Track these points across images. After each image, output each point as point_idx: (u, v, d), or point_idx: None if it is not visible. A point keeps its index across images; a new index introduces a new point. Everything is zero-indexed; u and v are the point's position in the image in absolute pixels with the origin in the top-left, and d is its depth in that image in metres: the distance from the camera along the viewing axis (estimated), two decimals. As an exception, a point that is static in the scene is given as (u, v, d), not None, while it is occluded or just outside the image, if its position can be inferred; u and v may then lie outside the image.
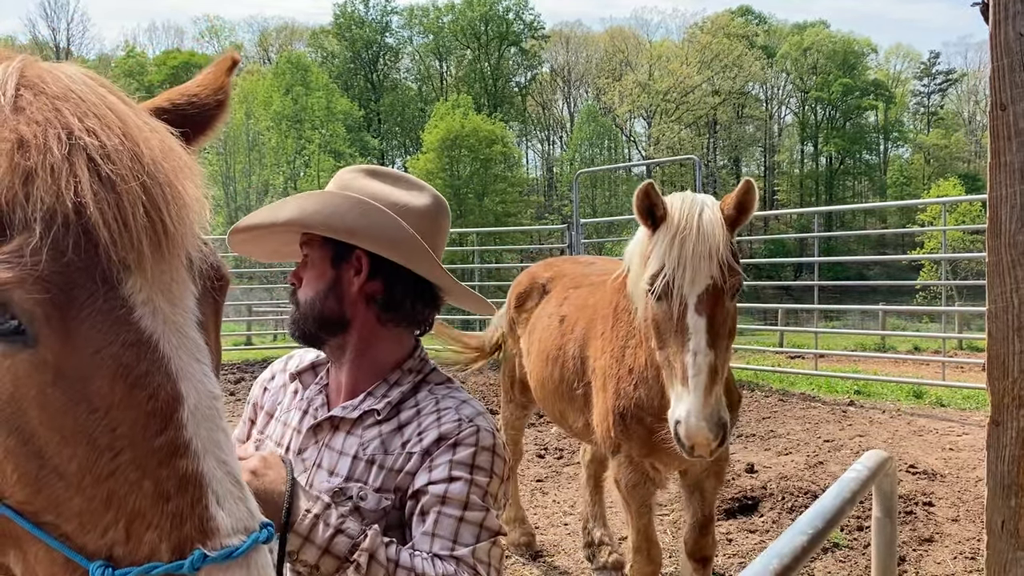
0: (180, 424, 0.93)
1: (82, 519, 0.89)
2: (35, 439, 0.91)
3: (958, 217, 30.39)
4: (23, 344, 0.90)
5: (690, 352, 2.87)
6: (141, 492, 0.89)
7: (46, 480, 0.90)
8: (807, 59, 69.54)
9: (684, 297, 2.92)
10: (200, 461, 0.93)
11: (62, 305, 0.90)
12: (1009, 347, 1.87)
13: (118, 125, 0.99)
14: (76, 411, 0.90)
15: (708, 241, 2.94)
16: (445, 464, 1.75)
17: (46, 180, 0.90)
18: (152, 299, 0.96)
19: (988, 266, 1.88)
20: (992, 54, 1.86)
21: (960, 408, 9.34)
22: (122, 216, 0.93)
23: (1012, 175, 1.84)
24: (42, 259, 0.88)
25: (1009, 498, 1.89)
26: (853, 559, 5.06)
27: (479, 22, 69.59)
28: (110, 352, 0.91)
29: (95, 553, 0.89)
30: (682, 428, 2.84)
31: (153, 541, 0.89)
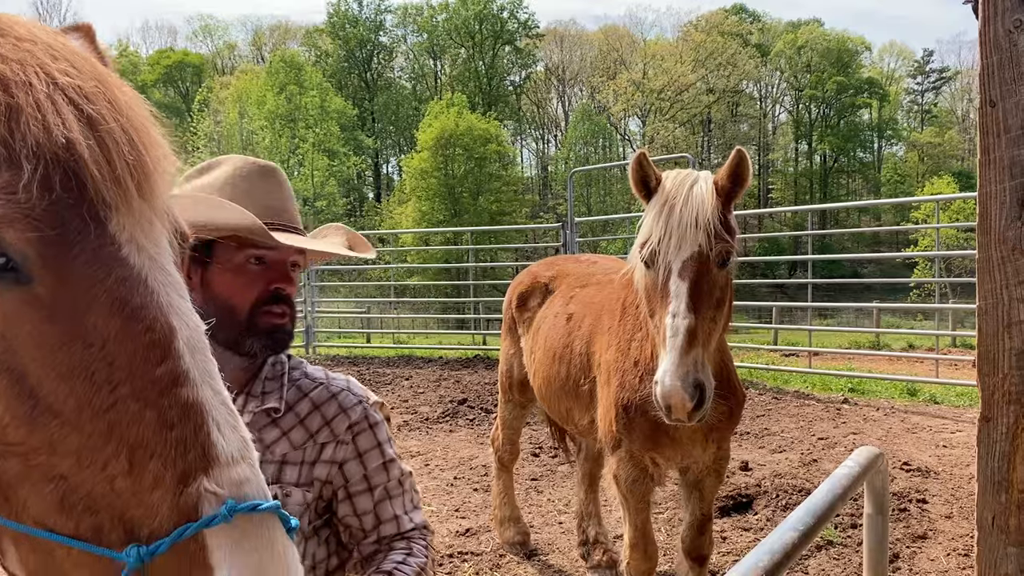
0: (178, 354, 0.93)
1: (80, 455, 0.89)
2: (28, 378, 0.90)
3: (952, 215, 30.47)
4: (14, 281, 0.90)
5: (670, 315, 2.89)
6: (143, 422, 0.89)
7: (40, 419, 0.89)
8: (801, 57, 69.59)
9: (669, 263, 2.96)
10: (199, 389, 0.94)
11: (54, 241, 0.90)
12: (999, 343, 1.88)
13: (89, 70, 0.99)
14: (72, 347, 0.90)
15: (695, 209, 2.97)
16: (374, 451, 1.90)
17: (33, 116, 0.90)
18: (135, 237, 0.96)
19: (978, 262, 1.89)
20: (982, 51, 1.86)
21: (954, 405, 9.36)
22: (107, 155, 0.93)
23: (1001, 171, 1.84)
24: (33, 196, 0.88)
25: (999, 494, 1.89)
26: (847, 556, 5.07)
27: (473, 21, 69.50)
28: (104, 287, 0.92)
29: (93, 490, 0.89)
30: (658, 388, 2.87)
31: (157, 470, 0.88)
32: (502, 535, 5.38)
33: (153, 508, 0.88)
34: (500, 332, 5.46)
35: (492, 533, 5.55)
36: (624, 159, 65.72)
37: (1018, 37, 1.81)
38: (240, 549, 0.88)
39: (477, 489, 6.63)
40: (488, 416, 9.13)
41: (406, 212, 53.26)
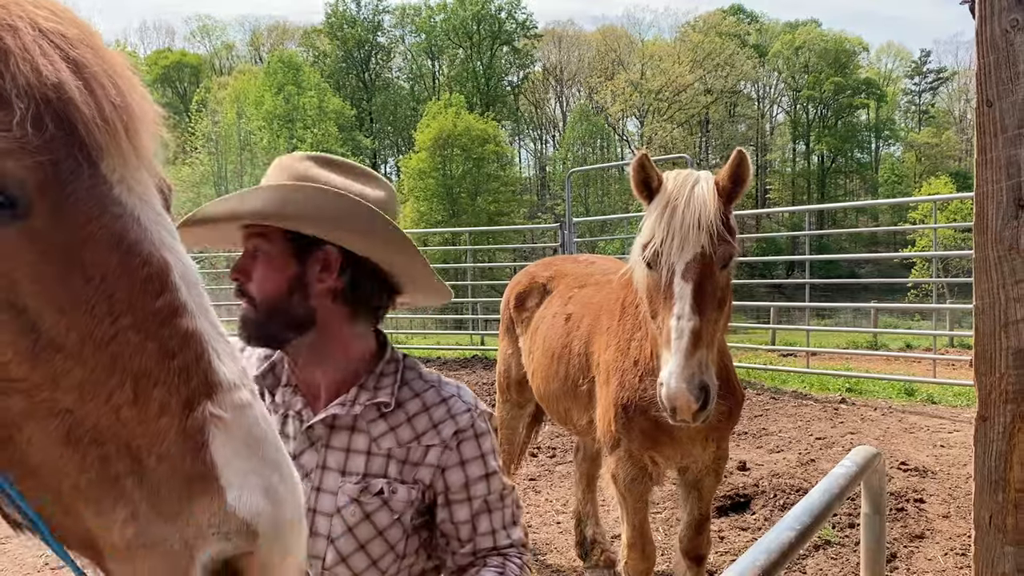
0: (175, 287, 0.96)
1: (83, 389, 0.90)
2: (29, 312, 0.91)
3: (949, 215, 30.49)
4: (12, 216, 0.91)
5: (674, 316, 2.89)
6: (146, 352, 0.91)
7: (43, 354, 0.91)
8: (799, 58, 69.64)
9: (672, 265, 2.96)
10: (197, 320, 0.96)
11: (50, 175, 0.92)
12: (996, 343, 1.88)
13: (69, 17, 1.01)
14: (71, 281, 0.91)
15: (698, 210, 2.97)
16: (477, 461, 1.88)
17: (23, 58, 0.92)
18: (125, 178, 0.98)
19: (975, 262, 1.89)
20: (978, 51, 1.86)
21: (951, 405, 9.37)
22: (95, 97, 0.95)
23: (998, 171, 1.85)
24: (27, 132, 0.90)
25: (996, 493, 1.90)
26: (844, 556, 5.07)
27: (471, 21, 69.50)
28: (100, 223, 0.93)
29: (99, 422, 0.90)
30: (663, 390, 2.86)
31: (163, 398, 0.91)
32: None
33: (160, 434, 0.90)
34: (498, 332, 5.45)
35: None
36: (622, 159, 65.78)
37: (1015, 36, 1.81)
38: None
39: (475, 489, 6.63)
40: (486, 416, 9.12)
41: (404, 212, 53.22)
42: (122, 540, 0.90)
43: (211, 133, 47.57)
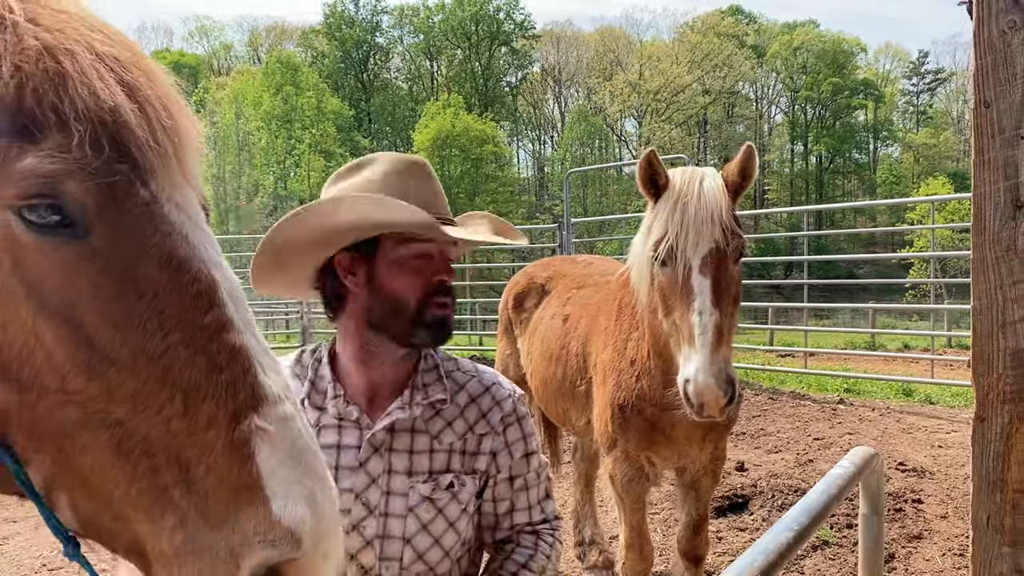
0: (222, 303, 1.00)
1: (135, 401, 0.94)
2: (85, 327, 0.95)
3: (947, 215, 30.51)
4: (73, 236, 0.95)
5: (696, 312, 2.86)
6: (195, 366, 0.95)
7: (98, 366, 0.94)
8: (797, 58, 69.71)
9: (688, 260, 2.93)
10: (243, 336, 1.00)
11: (107, 197, 0.96)
12: (994, 343, 1.88)
13: (120, 40, 1.06)
14: (125, 298, 0.95)
15: (709, 205, 2.96)
16: (520, 442, 1.99)
17: (81, 82, 0.96)
18: (173, 197, 1.02)
19: (973, 263, 1.89)
20: (976, 52, 1.87)
21: (949, 406, 9.38)
22: (148, 120, 1.00)
23: (996, 172, 1.85)
24: (87, 154, 0.94)
25: (994, 494, 1.90)
26: (843, 556, 5.08)
27: (470, 22, 69.54)
28: (152, 241, 0.98)
29: (149, 433, 0.94)
30: (691, 386, 2.82)
31: (211, 410, 0.94)
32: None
33: (208, 446, 0.93)
34: (496, 333, 5.45)
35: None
36: (620, 160, 65.86)
37: (1012, 38, 1.81)
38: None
39: (473, 490, 6.63)
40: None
41: (402, 213, 53.15)
42: (170, 547, 0.94)
43: (209, 133, 47.48)
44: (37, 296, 0.95)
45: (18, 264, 0.95)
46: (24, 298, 0.95)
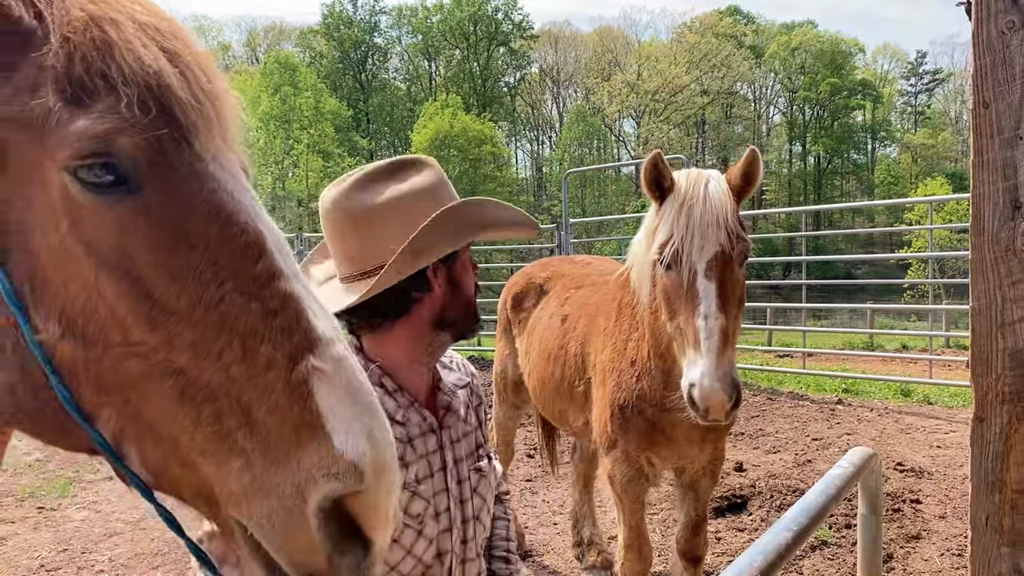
0: (271, 253, 1.04)
1: (195, 348, 0.98)
2: (143, 281, 0.99)
3: (945, 216, 30.54)
4: (127, 192, 1.00)
5: (701, 316, 2.86)
6: (250, 313, 1.00)
7: (158, 317, 0.99)
8: (795, 59, 69.76)
9: (693, 264, 2.93)
10: (293, 283, 1.04)
11: (157, 154, 1.01)
12: (992, 344, 1.89)
13: (157, 10, 1.10)
14: (179, 250, 1.00)
15: (715, 209, 2.96)
16: (481, 406, 2.08)
17: (127, 48, 1.01)
18: (217, 157, 1.07)
19: (971, 263, 1.89)
20: (975, 52, 1.87)
21: (947, 406, 9.38)
22: (189, 83, 1.05)
23: (995, 172, 1.85)
24: (136, 113, 0.99)
25: (993, 494, 1.90)
26: (841, 557, 5.08)
27: (468, 22, 69.54)
28: (200, 196, 1.02)
29: (211, 380, 0.98)
30: (696, 391, 2.81)
31: (269, 353, 0.98)
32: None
33: (268, 388, 0.97)
34: (495, 333, 5.45)
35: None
36: (619, 160, 65.91)
37: (1011, 38, 1.82)
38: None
39: (472, 490, 6.63)
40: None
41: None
42: (239, 487, 0.98)
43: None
44: (96, 254, 1.00)
45: (76, 224, 1.00)
46: (84, 256, 1.00)
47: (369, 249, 1.70)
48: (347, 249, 1.73)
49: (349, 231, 1.72)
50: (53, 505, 6.51)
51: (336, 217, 1.73)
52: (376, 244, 1.69)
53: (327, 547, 0.97)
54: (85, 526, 6.03)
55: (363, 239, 1.70)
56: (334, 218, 1.74)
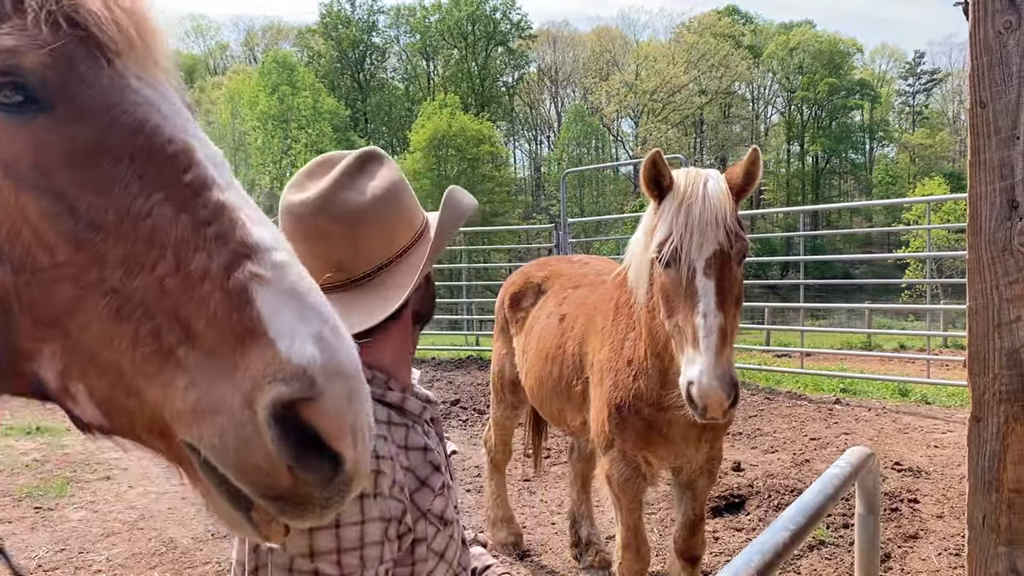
0: (201, 163, 1.01)
1: (127, 263, 0.95)
2: (66, 198, 0.97)
3: (943, 216, 30.58)
4: (38, 110, 0.98)
5: (700, 314, 2.86)
6: (180, 223, 0.96)
7: (84, 234, 0.96)
8: (793, 59, 69.78)
9: (692, 262, 2.93)
10: (227, 192, 1.00)
11: (67, 69, 0.99)
12: (989, 343, 1.89)
13: None
14: (101, 163, 0.98)
15: (714, 207, 2.97)
16: None
17: None
18: (143, 77, 1.05)
19: (968, 263, 1.89)
20: (972, 52, 1.87)
21: (945, 406, 9.39)
22: (106, 2, 1.03)
23: (991, 172, 1.85)
24: (43, 31, 0.97)
25: (990, 493, 1.90)
26: (839, 556, 5.08)
27: (466, 22, 69.51)
28: (121, 109, 1.00)
29: (145, 295, 0.95)
30: (695, 389, 2.81)
31: (203, 263, 0.95)
32: (495, 536, 5.38)
33: (205, 299, 0.94)
34: (492, 333, 5.45)
35: (485, 534, 5.55)
36: (617, 160, 65.92)
37: (1008, 38, 1.82)
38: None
39: (470, 490, 6.63)
40: (481, 417, 9.13)
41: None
42: (186, 407, 0.94)
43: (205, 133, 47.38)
44: (14, 174, 0.98)
45: None
46: (2, 178, 0.98)
47: (361, 254, 1.56)
48: (336, 255, 1.55)
49: (339, 236, 1.55)
50: (50, 505, 6.50)
51: (319, 220, 1.55)
52: (369, 248, 1.56)
53: (285, 460, 0.91)
54: (82, 526, 6.03)
55: (356, 243, 1.55)
56: (316, 222, 1.55)
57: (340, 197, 1.55)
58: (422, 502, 1.50)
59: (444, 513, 1.56)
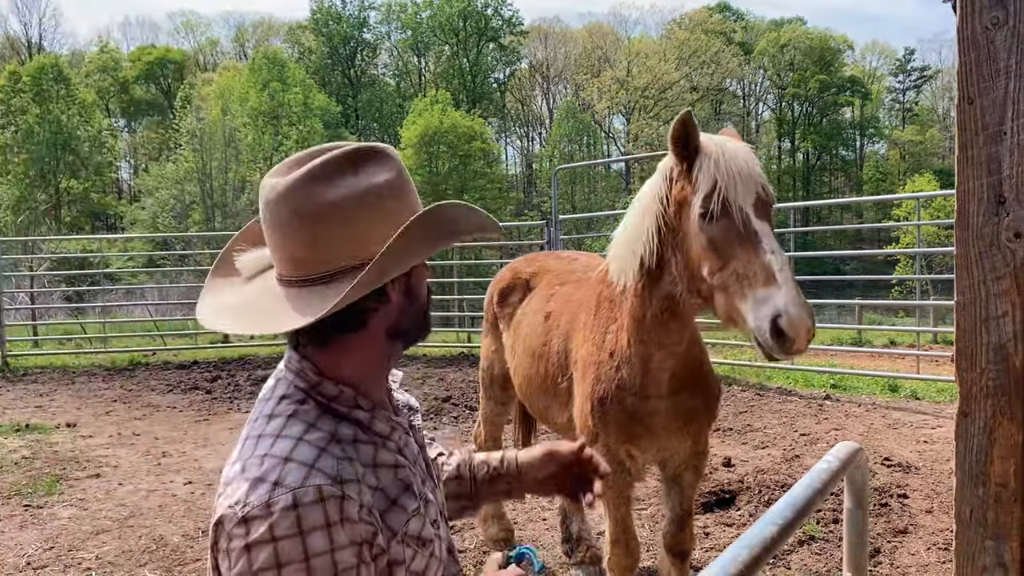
0: None
1: None
2: None
3: (932, 212, 30.65)
4: None
5: (768, 252, 2.81)
6: None
7: None
8: (784, 56, 69.94)
9: (742, 207, 2.93)
10: None
11: None
12: (977, 338, 1.89)
13: None
14: None
15: (750, 159, 3.01)
16: None
17: None
18: None
19: (956, 258, 1.90)
20: (960, 48, 1.87)
21: (934, 401, 9.44)
22: None
23: (979, 168, 1.86)
24: None
25: (977, 488, 1.91)
26: (829, 551, 5.10)
27: (457, 18, 69.41)
28: None
29: None
30: (784, 320, 2.71)
31: None
32: (486, 532, 5.38)
33: None
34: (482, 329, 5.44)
35: (476, 530, 5.55)
36: (608, 157, 65.94)
37: (995, 34, 1.82)
38: None
39: (461, 486, 6.63)
40: (472, 414, 9.12)
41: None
42: None
43: (195, 130, 47.12)
44: None
45: None
46: None
47: (321, 253, 1.45)
48: (292, 249, 1.46)
49: (296, 229, 1.45)
50: (40, 503, 6.48)
51: (281, 210, 1.46)
52: (330, 248, 1.45)
53: None
54: (72, 524, 6.01)
55: (314, 240, 1.45)
56: (278, 211, 1.46)
57: (309, 189, 1.44)
58: (395, 523, 1.44)
59: (421, 533, 1.50)
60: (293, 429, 1.42)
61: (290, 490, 1.30)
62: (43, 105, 49.50)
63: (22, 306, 19.56)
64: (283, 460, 1.35)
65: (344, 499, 1.33)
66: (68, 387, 11.98)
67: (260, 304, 1.51)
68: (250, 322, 1.50)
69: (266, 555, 1.27)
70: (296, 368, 1.52)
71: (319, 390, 1.49)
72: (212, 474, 7.22)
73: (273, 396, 1.51)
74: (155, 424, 9.36)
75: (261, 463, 1.36)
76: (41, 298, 20.95)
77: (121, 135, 67.16)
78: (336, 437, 1.43)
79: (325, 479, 1.33)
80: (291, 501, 1.29)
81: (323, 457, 1.37)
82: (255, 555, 1.28)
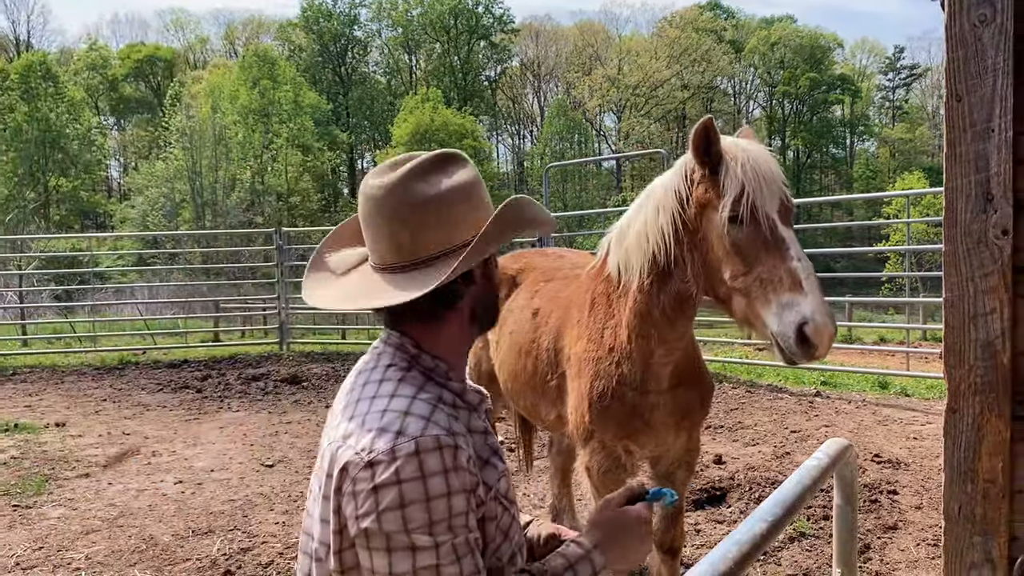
0: None
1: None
2: None
3: (922, 210, 30.81)
4: None
5: (795, 259, 2.86)
6: None
7: None
8: (774, 54, 70.10)
9: (768, 213, 2.95)
10: None
11: None
12: (965, 335, 1.90)
13: None
14: None
15: (771, 164, 3.03)
16: None
17: None
18: None
19: (945, 255, 1.91)
20: (948, 45, 1.88)
21: (924, 398, 9.48)
22: None
23: (967, 165, 1.86)
24: None
25: (966, 484, 1.92)
26: (819, 548, 5.12)
27: (448, 15, 69.33)
28: None
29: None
30: (810, 327, 2.77)
31: None
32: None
33: None
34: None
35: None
36: (599, 155, 66.01)
37: (983, 31, 1.83)
38: None
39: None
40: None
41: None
42: None
43: (185, 128, 46.94)
44: None
45: None
46: None
47: (424, 238, 1.68)
48: (398, 237, 1.69)
49: (403, 219, 1.68)
50: (28, 503, 6.44)
51: (390, 203, 1.69)
52: (428, 235, 1.68)
53: None
54: (62, 524, 5.98)
55: (421, 226, 1.68)
56: (385, 203, 1.69)
57: (410, 185, 1.68)
58: (489, 480, 1.61)
59: (508, 493, 1.67)
60: (406, 390, 1.58)
61: (412, 438, 1.46)
62: (31, 103, 49.30)
63: (11, 305, 19.47)
64: (403, 414, 1.51)
65: (457, 448, 1.48)
66: (57, 386, 11.92)
67: (368, 287, 1.71)
68: (365, 301, 1.70)
69: (392, 496, 1.42)
70: (396, 343, 1.70)
71: (419, 361, 1.67)
72: (202, 473, 7.19)
73: (379, 365, 1.68)
74: (145, 423, 9.32)
75: (381, 416, 1.52)
76: (30, 297, 20.84)
77: (110, 133, 66.93)
78: (442, 399, 1.60)
79: (441, 430, 1.49)
80: (414, 448, 1.44)
81: (436, 412, 1.53)
82: (382, 495, 1.42)
